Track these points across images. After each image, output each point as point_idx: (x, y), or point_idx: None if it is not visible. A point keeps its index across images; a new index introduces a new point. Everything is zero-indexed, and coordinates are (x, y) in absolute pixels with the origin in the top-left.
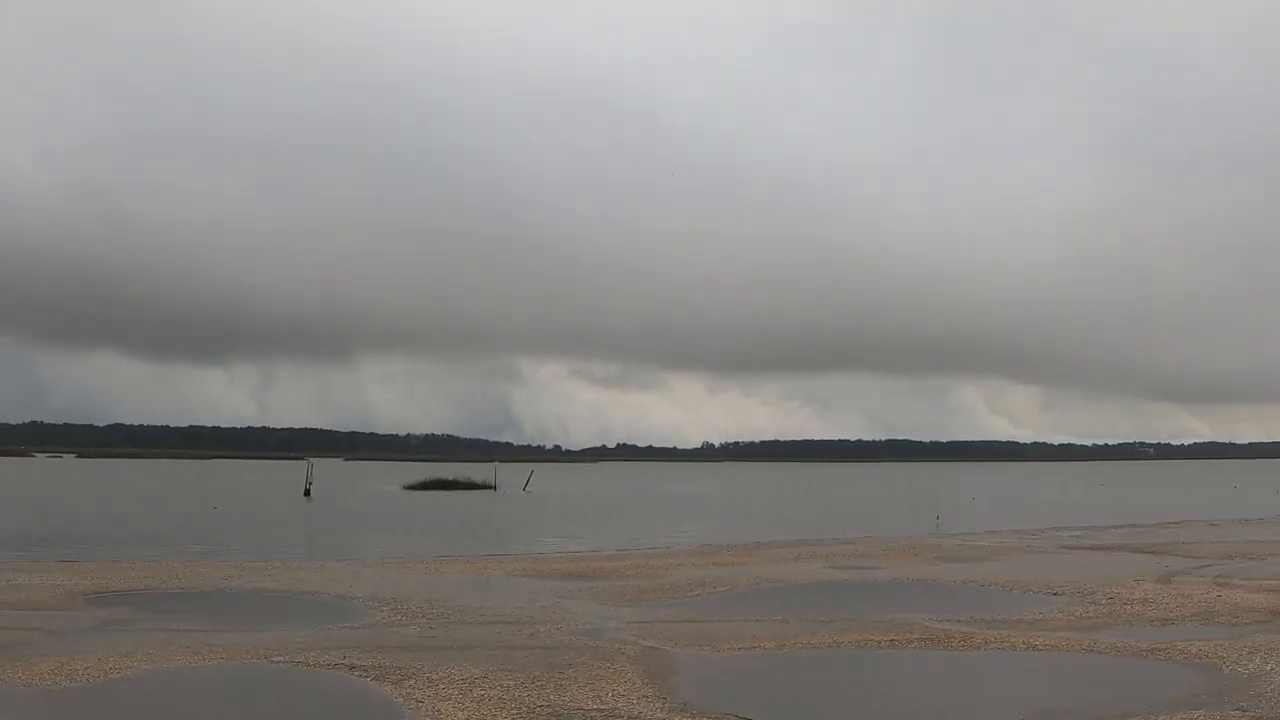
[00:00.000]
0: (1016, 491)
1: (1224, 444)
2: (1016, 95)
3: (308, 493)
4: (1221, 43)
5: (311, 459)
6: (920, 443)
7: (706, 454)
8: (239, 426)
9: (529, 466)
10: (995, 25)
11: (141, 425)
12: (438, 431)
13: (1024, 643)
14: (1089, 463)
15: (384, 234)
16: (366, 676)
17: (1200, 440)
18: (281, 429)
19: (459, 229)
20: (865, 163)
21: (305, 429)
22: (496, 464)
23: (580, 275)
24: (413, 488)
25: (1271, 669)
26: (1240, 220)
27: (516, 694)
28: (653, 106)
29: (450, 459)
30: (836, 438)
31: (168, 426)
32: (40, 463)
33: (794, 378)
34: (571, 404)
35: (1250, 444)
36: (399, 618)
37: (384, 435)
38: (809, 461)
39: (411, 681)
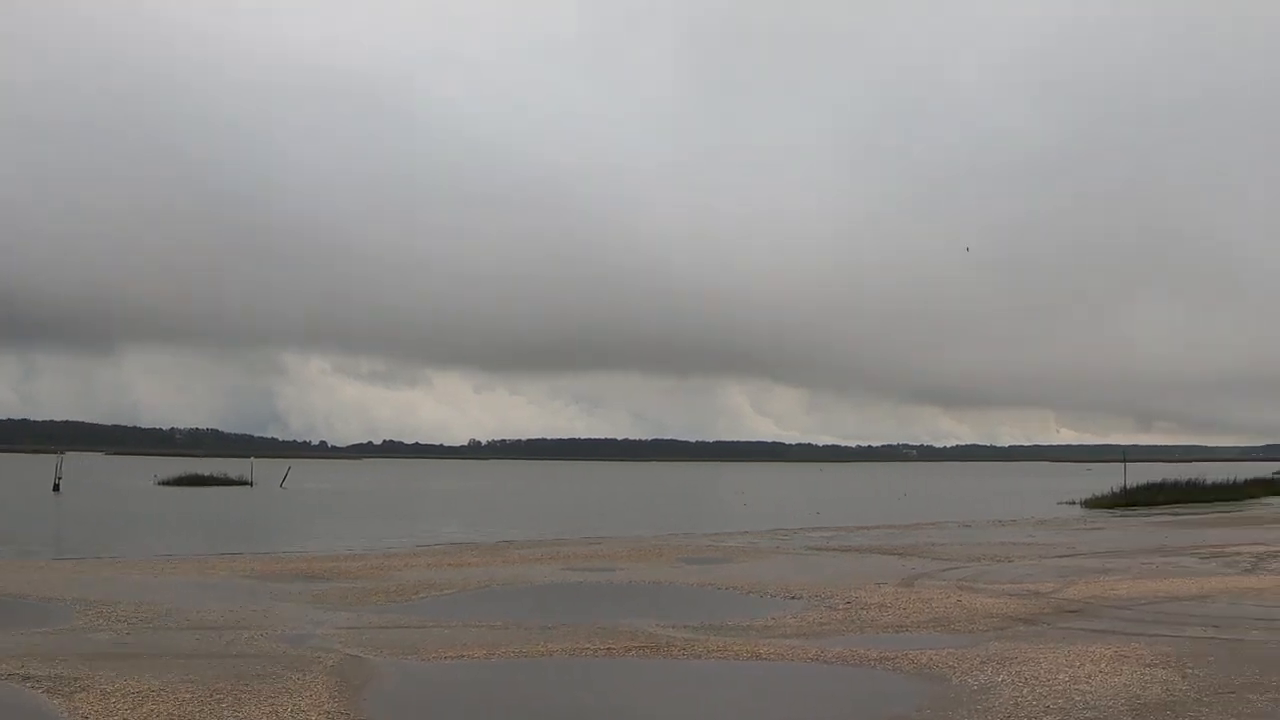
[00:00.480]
0: (780, 491)
1: (985, 446)
2: (778, 105)
3: (56, 488)
4: (981, 58)
5: (63, 453)
6: (687, 442)
7: (473, 452)
8: None
9: (289, 462)
10: (758, 36)
11: None
12: (203, 426)
13: (749, 651)
14: (854, 463)
15: (148, 225)
16: (39, 688)
17: (962, 443)
18: (42, 421)
19: (224, 221)
20: (629, 167)
21: (67, 422)
22: (253, 460)
23: (345, 270)
24: (166, 483)
25: (1002, 680)
26: (997, 233)
27: (189, 709)
28: (415, 104)
29: (215, 454)
30: (603, 437)
31: None
32: None
33: (561, 376)
34: (337, 400)
35: (1010, 446)
36: (100, 622)
37: (148, 429)
38: (575, 460)
39: (84, 694)
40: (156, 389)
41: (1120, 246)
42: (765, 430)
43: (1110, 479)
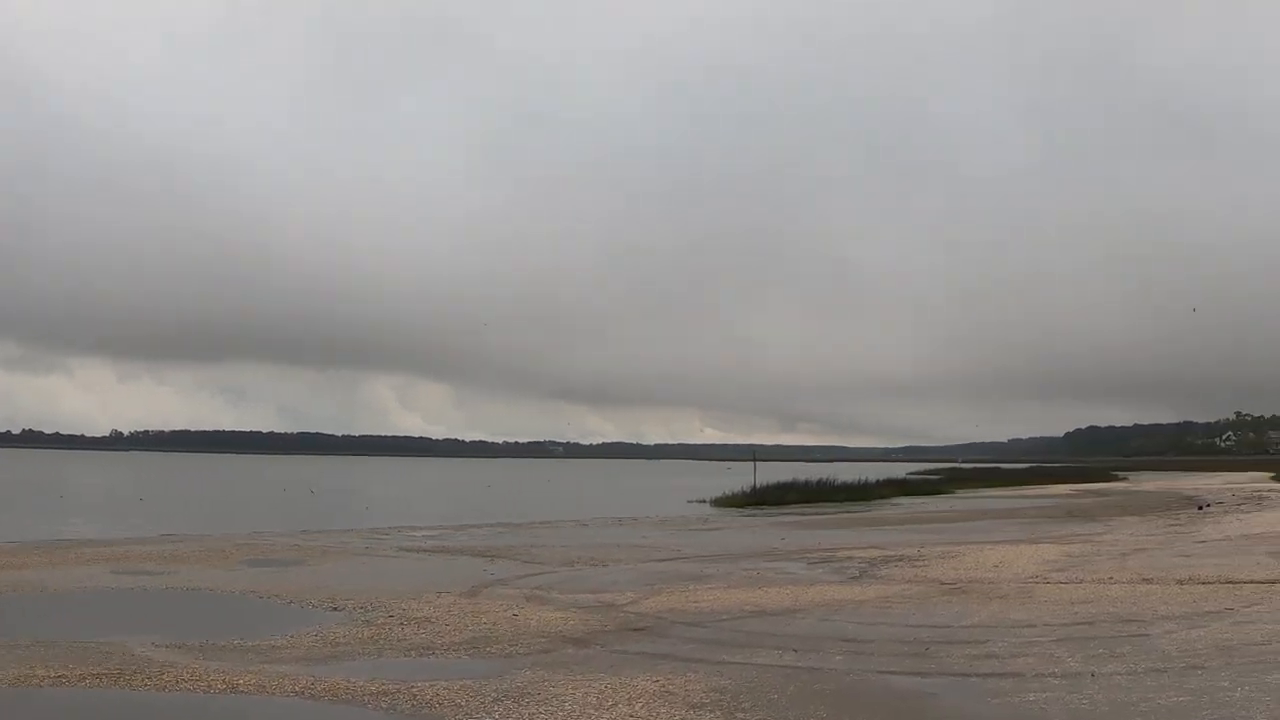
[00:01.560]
0: (414, 488)
1: (631, 444)
2: (405, 100)
3: None
4: (597, 59)
5: None
6: (333, 436)
7: (115, 442)
8: None
9: None
10: (385, 33)
11: None
12: None
13: (226, 682)
14: (501, 459)
15: None
16: None
17: (609, 440)
18: None
19: None
20: (261, 156)
21: None
22: None
23: None
24: None
25: None
26: (622, 233)
27: None
28: (35, 86)
29: None
30: (249, 429)
31: None
32: None
33: (208, 367)
34: None
35: (657, 445)
36: None
37: None
38: (221, 452)
39: None
40: None
41: (743, 250)
42: (412, 425)
43: (748, 478)
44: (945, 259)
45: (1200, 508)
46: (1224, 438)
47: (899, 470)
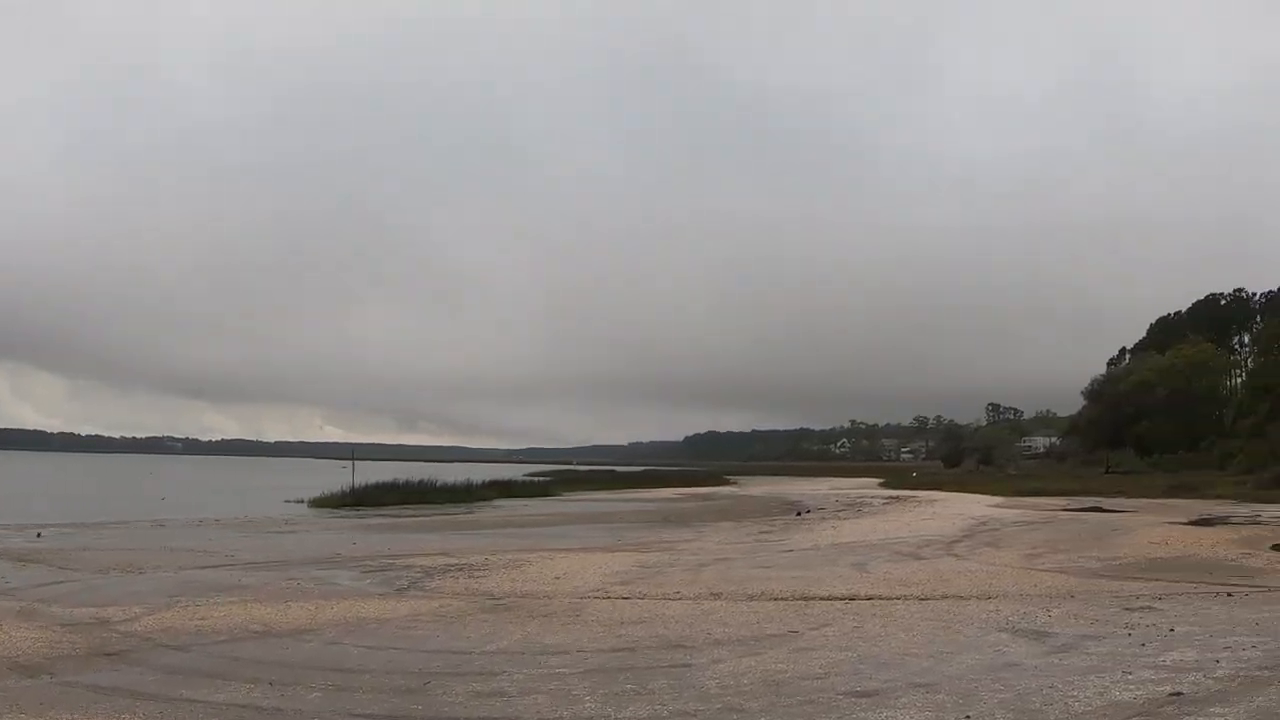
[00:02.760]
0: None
1: (251, 441)
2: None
3: None
4: (198, 56)
5: None
6: None
7: None
8: None
9: None
10: None
11: None
12: None
13: None
14: (116, 454)
15: None
16: None
17: (229, 437)
18: None
19: None
20: None
21: None
22: None
23: None
24: None
25: None
26: (219, 227)
27: None
28: None
29: None
30: None
31: None
32: None
33: None
34: None
35: (277, 442)
36: None
37: None
38: None
39: None
40: None
41: (343, 251)
42: (26, 417)
43: (367, 476)
44: (544, 260)
45: (799, 514)
46: (839, 444)
47: (518, 471)
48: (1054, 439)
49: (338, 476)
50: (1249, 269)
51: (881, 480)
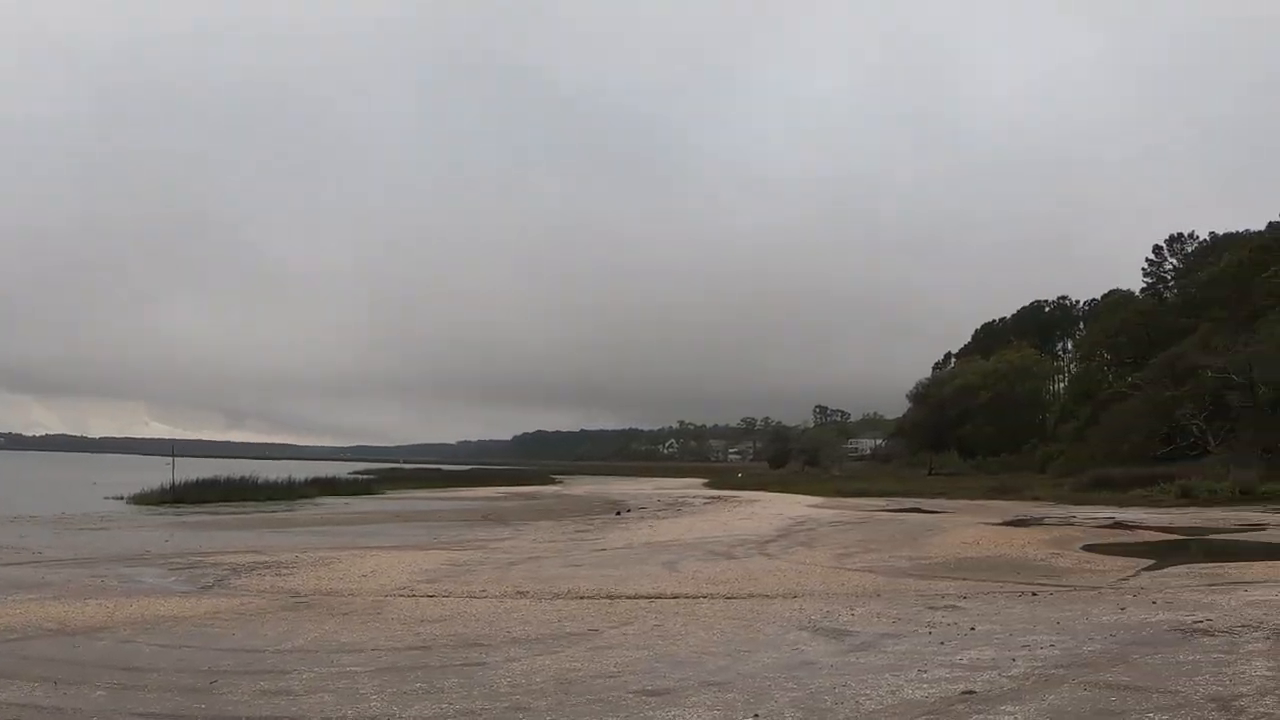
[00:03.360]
0: None
1: (75, 437)
2: None
3: None
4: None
5: None
6: None
7: None
8: None
9: None
10: None
11: None
12: None
13: None
14: None
15: None
16: None
17: (53, 432)
18: None
19: None
20: None
21: None
22: None
23: None
24: None
25: None
26: (40, 231)
27: None
28: None
29: None
30: None
31: None
32: None
33: None
34: None
35: (103, 438)
36: None
37: None
38: None
39: None
40: None
41: (163, 247)
42: None
43: (193, 473)
44: (367, 260)
45: (619, 513)
46: (667, 445)
47: (345, 469)
48: (880, 441)
49: (162, 473)
50: (1074, 275)
51: (706, 480)
